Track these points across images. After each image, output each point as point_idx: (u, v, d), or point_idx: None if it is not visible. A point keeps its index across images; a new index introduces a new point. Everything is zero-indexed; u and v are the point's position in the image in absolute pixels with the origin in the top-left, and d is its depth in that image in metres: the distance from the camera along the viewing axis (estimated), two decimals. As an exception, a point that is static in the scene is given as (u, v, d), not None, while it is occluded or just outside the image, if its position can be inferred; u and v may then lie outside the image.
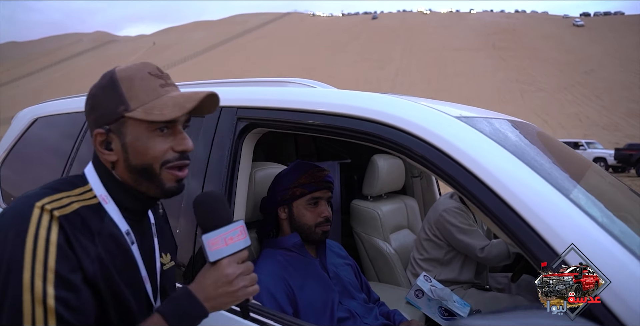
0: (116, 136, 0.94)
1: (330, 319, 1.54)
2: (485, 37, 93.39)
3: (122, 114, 0.93)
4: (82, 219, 0.89)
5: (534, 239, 0.94)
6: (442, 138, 1.10)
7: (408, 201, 2.93)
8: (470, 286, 2.48)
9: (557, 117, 46.59)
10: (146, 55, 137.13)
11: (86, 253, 0.86)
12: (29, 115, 2.80)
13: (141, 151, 0.94)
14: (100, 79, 0.98)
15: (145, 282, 0.99)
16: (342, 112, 1.24)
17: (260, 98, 1.49)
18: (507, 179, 1.00)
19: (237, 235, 0.95)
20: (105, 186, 0.96)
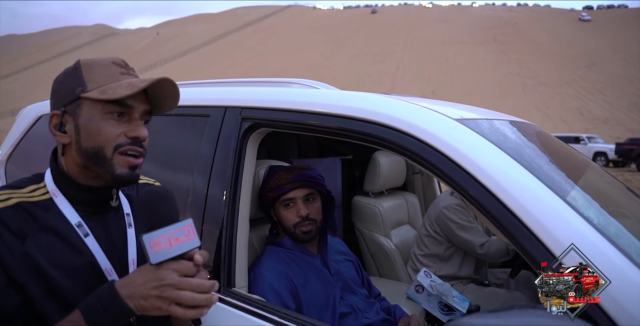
0: (71, 118, 0.96)
1: (332, 314, 1.58)
2: (486, 31, 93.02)
3: (78, 94, 0.95)
4: (17, 215, 0.92)
5: (530, 240, 0.97)
6: (441, 140, 1.12)
7: (409, 197, 2.97)
8: (470, 281, 2.52)
9: (558, 112, 46.50)
10: (147, 48, 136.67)
11: (8, 249, 0.89)
12: (33, 112, 2.82)
13: (93, 133, 0.94)
14: (68, 67, 1.01)
15: (109, 274, 0.98)
16: (344, 114, 1.27)
17: (264, 99, 1.51)
18: (504, 181, 1.03)
19: (183, 235, 0.85)
20: (55, 181, 0.99)
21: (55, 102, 0.98)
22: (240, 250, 1.48)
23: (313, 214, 1.67)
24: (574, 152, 1.98)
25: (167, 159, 1.76)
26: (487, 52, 77.78)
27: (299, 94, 1.49)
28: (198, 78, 7.71)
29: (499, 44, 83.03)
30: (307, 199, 1.68)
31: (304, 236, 1.67)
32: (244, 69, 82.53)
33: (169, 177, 1.71)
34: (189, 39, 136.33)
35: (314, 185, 1.69)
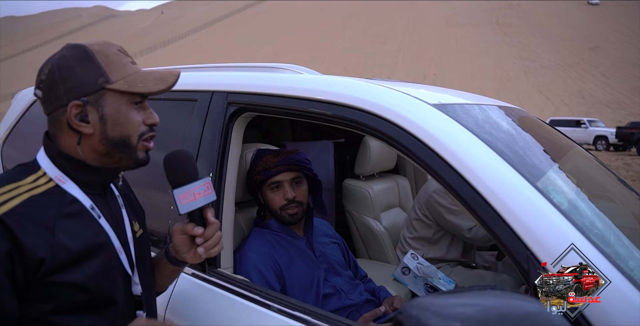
0: (93, 108, 0.95)
1: (316, 295, 1.62)
2: (489, 13, 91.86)
3: (102, 85, 0.95)
4: (35, 208, 0.90)
5: (499, 224, 0.99)
6: (416, 125, 1.14)
7: (400, 180, 3.00)
8: (457, 264, 2.56)
9: (560, 95, 46.22)
10: (147, 30, 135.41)
11: (37, 244, 0.87)
12: (28, 96, 2.84)
13: (121, 123, 0.97)
14: (68, 50, 0.97)
15: (120, 253, 1.02)
16: (324, 99, 1.28)
17: (249, 83, 1.53)
18: (475, 166, 1.05)
19: (204, 190, 1.02)
20: (59, 167, 0.98)
21: (69, 91, 0.95)
22: (226, 231, 1.52)
23: (299, 197, 1.71)
24: (560, 137, 2.00)
25: (156, 141, 1.79)
26: (489, 34, 76.97)
27: (282, 79, 1.50)
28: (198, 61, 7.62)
29: (502, 26, 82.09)
30: (294, 182, 1.72)
31: (290, 219, 1.71)
32: (244, 51, 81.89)
33: (157, 159, 1.74)
34: (189, 21, 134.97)
35: (301, 169, 1.72)
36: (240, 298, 1.34)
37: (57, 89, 0.95)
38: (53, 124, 0.98)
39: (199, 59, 75.76)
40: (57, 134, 0.98)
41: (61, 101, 0.95)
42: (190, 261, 1.11)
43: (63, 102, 0.95)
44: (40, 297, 0.90)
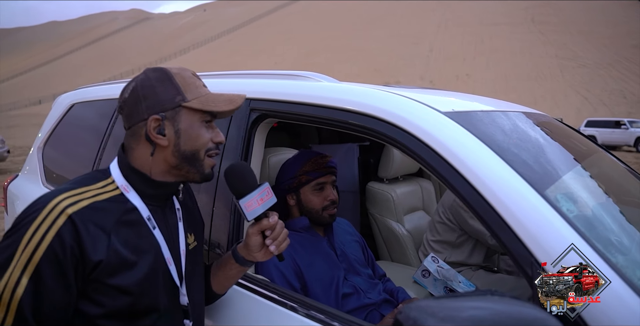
0: (170, 123, 1.06)
1: (335, 294, 1.67)
2: (524, 11, 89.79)
3: (179, 103, 1.07)
4: (98, 212, 0.99)
5: (505, 232, 1.02)
6: (428, 133, 1.18)
7: (424, 183, 3.01)
8: (479, 268, 2.56)
9: (599, 95, 44.76)
10: (182, 32, 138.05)
11: (97, 246, 0.96)
12: (67, 100, 2.99)
13: (193, 138, 1.08)
14: (150, 72, 1.09)
15: (169, 264, 1.10)
16: (341, 106, 1.34)
17: (270, 91, 1.60)
18: (484, 175, 1.08)
19: (265, 195, 1.14)
20: (126, 177, 1.08)
21: (150, 107, 1.05)
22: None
23: (336, 199, 1.79)
24: (582, 142, 1.98)
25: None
26: (524, 33, 75.20)
27: (302, 87, 1.56)
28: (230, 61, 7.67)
29: (537, 24, 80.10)
30: (333, 185, 1.80)
31: (329, 219, 1.79)
32: (275, 52, 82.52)
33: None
34: (221, 23, 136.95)
35: (336, 174, 1.81)
36: (261, 297, 1.40)
37: (139, 105, 1.06)
38: (132, 136, 1.09)
39: (230, 60, 76.80)
40: (132, 145, 1.09)
41: (142, 116, 1.05)
42: (260, 259, 1.21)
43: (143, 117, 1.05)
44: (90, 298, 0.97)
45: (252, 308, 1.40)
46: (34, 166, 2.96)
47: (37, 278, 0.91)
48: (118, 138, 2.22)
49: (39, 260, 0.91)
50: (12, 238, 0.94)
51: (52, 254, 0.91)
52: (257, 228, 1.16)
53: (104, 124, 2.40)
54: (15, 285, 0.90)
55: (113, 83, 2.78)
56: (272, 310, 1.36)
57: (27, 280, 0.90)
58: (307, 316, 1.27)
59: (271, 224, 1.15)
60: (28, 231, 0.92)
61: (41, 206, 0.95)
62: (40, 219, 0.93)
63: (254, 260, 1.23)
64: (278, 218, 1.18)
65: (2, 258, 0.92)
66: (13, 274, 0.90)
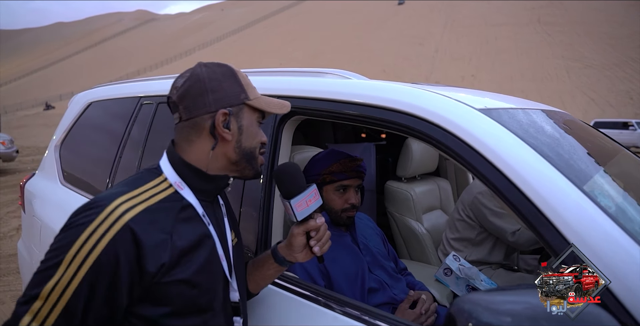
0: (234, 119, 1.08)
1: (361, 288, 1.68)
2: (530, 11, 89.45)
3: (243, 101, 1.08)
4: (156, 214, 0.98)
5: (546, 227, 1.02)
6: (464, 129, 1.18)
7: (441, 182, 3.01)
8: (499, 266, 2.56)
9: (605, 96, 44.48)
10: (187, 32, 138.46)
11: (159, 251, 0.95)
12: (83, 99, 3.00)
13: (252, 135, 1.10)
14: (214, 67, 1.10)
15: (222, 260, 1.11)
16: (373, 103, 1.34)
17: (299, 88, 1.60)
18: (523, 170, 1.08)
19: (312, 197, 1.16)
20: (179, 173, 1.07)
21: (217, 101, 1.06)
22: (276, 230, 1.58)
23: (358, 203, 1.79)
24: (606, 140, 1.98)
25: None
26: (531, 33, 74.92)
27: (332, 84, 1.56)
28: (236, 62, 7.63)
29: (543, 24, 79.79)
30: (357, 189, 1.80)
31: (347, 221, 1.79)
32: (281, 53, 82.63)
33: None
34: (227, 24, 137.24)
35: (363, 178, 1.81)
36: (289, 292, 1.41)
37: (205, 97, 1.06)
38: (191, 128, 1.08)
39: (236, 61, 76.91)
40: (191, 138, 1.08)
41: (208, 108, 1.06)
42: (301, 259, 1.22)
43: (210, 109, 1.06)
44: (153, 301, 0.97)
45: (284, 305, 1.40)
46: (51, 165, 2.97)
47: (89, 283, 0.90)
48: (136, 138, 2.23)
49: (91, 265, 0.89)
50: (66, 237, 0.92)
51: (107, 260, 0.90)
52: (302, 228, 1.17)
53: (123, 123, 2.41)
54: (66, 286, 0.89)
55: (130, 81, 2.79)
56: (302, 305, 1.36)
57: (78, 283, 0.89)
58: (344, 313, 1.27)
59: (318, 225, 1.16)
60: (84, 233, 0.91)
61: (98, 210, 0.93)
62: (97, 224, 0.91)
63: (295, 261, 1.23)
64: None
65: (54, 260, 0.90)
66: (65, 276, 0.89)
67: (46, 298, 0.88)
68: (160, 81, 2.45)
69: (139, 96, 2.42)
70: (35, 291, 0.89)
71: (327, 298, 1.33)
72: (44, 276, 0.90)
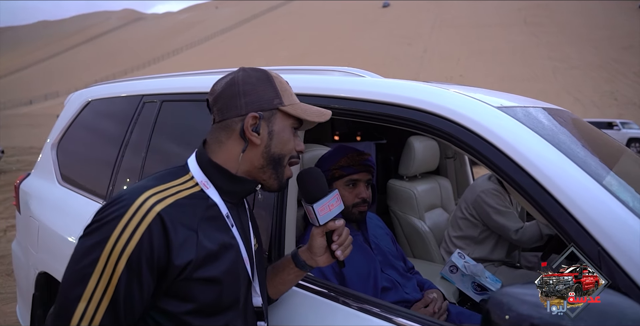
0: (265, 124, 1.07)
1: (374, 287, 1.68)
2: (517, 13, 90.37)
3: (277, 106, 1.07)
4: (184, 208, 0.98)
5: (570, 223, 1.03)
6: (484, 127, 1.20)
7: (442, 181, 3.04)
8: (501, 264, 2.59)
9: (590, 96, 45.11)
10: (175, 32, 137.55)
11: (186, 246, 0.95)
12: (82, 97, 2.96)
13: (284, 142, 1.09)
14: (251, 71, 1.10)
15: (246, 262, 1.11)
16: (394, 102, 1.34)
17: (312, 86, 1.59)
18: (545, 166, 1.10)
19: (335, 201, 1.17)
20: (206, 173, 1.07)
21: (249, 104, 1.06)
22: (289, 230, 1.58)
23: (369, 198, 1.79)
24: (609, 138, 2.01)
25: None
26: (517, 34, 75.67)
27: (347, 82, 1.55)
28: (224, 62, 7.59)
29: (530, 25, 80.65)
30: (367, 183, 1.79)
31: (359, 216, 1.78)
32: (269, 53, 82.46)
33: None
34: (215, 24, 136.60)
35: (373, 172, 1.80)
36: (306, 291, 1.41)
37: (237, 100, 1.06)
38: (223, 130, 1.08)
39: (224, 60, 76.62)
40: (222, 139, 1.08)
41: (239, 111, 1.06)
42: (322, 264, 1.22)
43: (241, 112, 1.05)
44: (177, 296, 0.97)
45: (297, 301, 1.40)
46: (47, 165, 2.92)
47: (128, 275, 0.90)
48: (140, 136, 2.21)
49: (129, 257, 0.90)
50: (100, 233, 0.92)
51: (142, 250, 0.91)
52: (322, 228, 1.17)
53: (124, 122, 2.38)
54: (108, 282, 0.89)
55: (131, 79, 2.77)
56: (318, 302, 1.36)
57: (118, 277, 0.89)
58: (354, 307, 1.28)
59: (337, 225, 1.16)
60: (117, 227, 0.91)
61: (128, 203, 0.94)
62: (130, 215, 0.92)
63: (315, 265, 1.23)
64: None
65: (92, 256, 0.90)
66: (105, 272, 0.89)
67: (90, 297, 0.88)
68: (163, 79, 2.44)
69: (141, 94, 2.39)
70: (76, 293, 0.88)
71: (346, 296, 1.33)
72: (82, 276, 0.89)
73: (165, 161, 2.12)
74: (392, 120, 1.36)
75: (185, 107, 2.09)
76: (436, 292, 1.77)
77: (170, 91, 2.18)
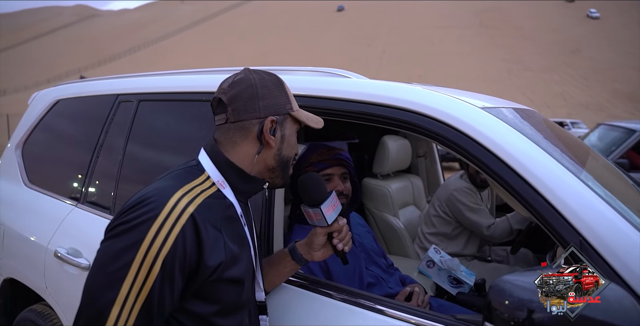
0: (279, 127, 1.10)
1: (359, 284, 1.73)
2: (473, 15, 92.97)
3: (288, 111, 1.11)
4: (210, 210, 0.99)
5: (554, 216, 1.11)
6: (471, 126, 1.26)
7: (414, 179, 3.12)
8: (473, 258, 2.69)
9: (542, 97, 46.96)
10: (131, 30, 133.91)
11: (216, 248, 0.96)
12: (49, 96, 2.87)
13: (292, 145, 1.13)
14: (264, 74, 1.12)
15: (254, 260, 1.14)
16: (382, 102, 1.38)
17: (299, 86, 1.62)
18: (529, 163, 1.17)
19: (336, 202, 1.25)
20: (222, 171, 1.08)
21: (267, 107, 1.09)
22: (277, 228, 1.60)
23: (346, 191, 1.80)
24: (575, 137, 2.13)
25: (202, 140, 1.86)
26: (474, 36, 77.86)
27: (335, 83, 1.58)
28: (183, 62, 7.43)
29: (485, 28, 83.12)
30: (342, 177, 1.82)
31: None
32: (229, 52, 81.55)
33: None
34: (172, 22, 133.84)
35: (349, 166, 1.82)
36: (297, 287, 1.43)
37: (255, 103, 1.08)
38: (238, 130, 1.09)
39: (184, 59, 75.22)
40: (236, 140, 1.09)
41: (258, 114, 1.07)
42: (318, 258, 1.29)
43: (259, 115, 1.07)
44: (205, 298, 0.98)
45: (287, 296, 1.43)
46: (11, 166, 2.82)
47: (162, 277, 0.89)
48: (116, 137, 2.17)
49: (163, 260, 0.89)
50: (132, 235, 0.90)
51: (176, 252, 0.90)
52: (327, 229, 1.24)
53: (98, 122, 2.33)
54: (142, 285, 0.87)
55: (104, 78, 2.71)
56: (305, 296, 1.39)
57: (153, 280, 0.88)
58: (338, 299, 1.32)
59: (341, 226, 1.23)
60: (152, 229, 0.90)
61: (160, 204, 0.93)
62: (164, 216, 0.91)
63: (311, 259, 1.28)
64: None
65: (125, 259, 0.88)
66: (139, 275, 0.87)
67: (124, 302, 0.86)
68: (140, 77, 2.40)
69: (116, 93, 2.35)
70: (109, 297, 0.86)
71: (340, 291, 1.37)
72: (115, 280, 0.87)
73: (144, 162, 2.10)
74: (380, 120, 1.41)
75: (165, 107, 2.08)
76: (417, 286, 1.83)
77: (148, 90, 2.15)
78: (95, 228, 2.06)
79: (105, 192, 2.13)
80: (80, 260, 1.93)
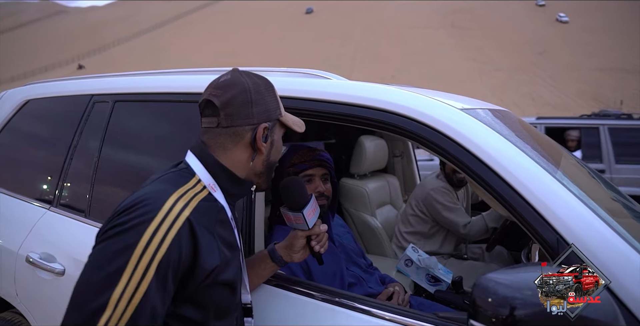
0: (269, 133, 1.10)
1: (340, 284, 1.74)
2: (444, 16, 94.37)
3: (277, 117, 1.11)
4: (204, 213, 0.98)
5: (531, 215, 1.14)
6: (451, 127, 1.28)
7: (390, 179, 3.15)
8: (450, 256, 2.74)
9: (512, 97, 48.04)
10: (100, 28, 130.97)
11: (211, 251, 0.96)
12: (18, 96, 2.78)
13: (278, 150, 1.13)
14: (257, 78, 1.10)
15: (242, 261, 1.14)
16: (363, 104, 1.39)
17: (280, 88, 1.62)
18: (508, 163, 1.20)
19: (315, 206, 1.27)
20: (213, 175, 1.07)
21: (260, 113, 1.08)
22: (258, 230, 1.60)
23: (327, 192, 1.81)
24: (547, 137, 2.19)
25: (188, 142, 1.84)
26: (445, 37, 79.04)
27: (315, 84, 1.58)
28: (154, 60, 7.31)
29: (457, 29, 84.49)
30: (323, 178, 1.82)
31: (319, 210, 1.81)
32: (201, 51, 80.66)
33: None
34: (143, 20, 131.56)
35: (329, 167, 1.83)
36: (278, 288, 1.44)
37: (249, 108, 1.06)
38: (230, 136, 1.07)
39: (154, 59, 74.07)
40: (227, 145, 1.08)
41: (251, 120, 1.06)
42: (297, 260, 1.30)
43: (253, 121, 1.07)
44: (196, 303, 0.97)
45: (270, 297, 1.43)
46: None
47: (156, 281, 0.87)
48: (90, 138, 2.13)
49: (158, 264, 0.87)
50: (127, 238, 0.88)
51: (171, 256, 0.89)
52: (308, 232, 1.25)
53: (71, 123, 2.28)
54: (135, 289, 0.85)
55: (78, 78, 2.65)
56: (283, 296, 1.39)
57: (147, 283, 0.86)
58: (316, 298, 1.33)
59: (322, 230, 1.26)
60: (147, 231, 0.88)
61: (156, 207, 0.91)
62: (160, 219, 0.89)
63: (291, 260, 1.30)
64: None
65: (119, 261, 0.86)
66: (133, 279, 0.85)
67: (115, 306, 0.83)
68: (116, 77, 2.35)
69: (90, 94, 2.30)
70: (101, 300, 0.83)
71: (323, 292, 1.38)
72: (108, 283, 0.85)
73: (121, 164, 2.06)
74: (360, 121, 1.42)
75: (142, 108, 2.04)
76: (397, 285, 1.85)
77: (125, 90, 2.12)
78: (69, 232, 2.02)
79: (79, 195, 2.08)
80: (54, 265, 1.88)
